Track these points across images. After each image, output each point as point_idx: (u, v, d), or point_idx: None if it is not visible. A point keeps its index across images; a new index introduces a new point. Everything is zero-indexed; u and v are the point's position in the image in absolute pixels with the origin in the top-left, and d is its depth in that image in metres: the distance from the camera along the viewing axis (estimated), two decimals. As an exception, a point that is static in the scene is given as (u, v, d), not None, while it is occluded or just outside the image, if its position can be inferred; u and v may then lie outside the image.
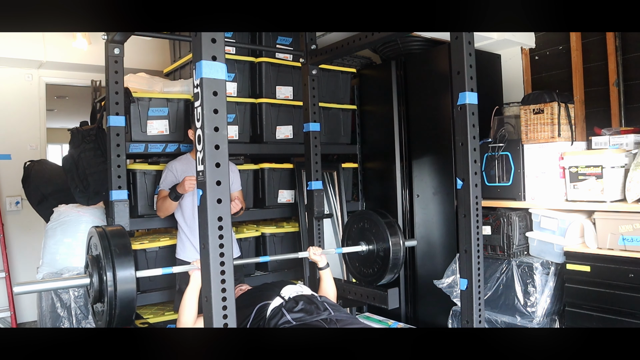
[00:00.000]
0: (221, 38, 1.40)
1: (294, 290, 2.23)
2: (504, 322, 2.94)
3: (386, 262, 2.52)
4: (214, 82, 1.39)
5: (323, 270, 2.56)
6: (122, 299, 1.64)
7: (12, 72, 4.17)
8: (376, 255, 2.59)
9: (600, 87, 3.42)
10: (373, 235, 2.60)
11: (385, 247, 2.52)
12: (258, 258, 2.49)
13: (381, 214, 2.61)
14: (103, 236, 1.71)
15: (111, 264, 1.64)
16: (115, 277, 1.63)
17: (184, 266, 2.10)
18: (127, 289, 1.65)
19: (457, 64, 2.00)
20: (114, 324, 1.67)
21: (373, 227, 2.60)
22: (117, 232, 1.76)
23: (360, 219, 2.70)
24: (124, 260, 1.66)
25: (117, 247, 1.68)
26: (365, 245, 2.64)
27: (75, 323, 2.85)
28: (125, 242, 1.72)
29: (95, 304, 1.78)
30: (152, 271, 2.00)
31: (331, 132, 3.66)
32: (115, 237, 1.72)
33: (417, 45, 3.54)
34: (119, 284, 1.63)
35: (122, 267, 1.65)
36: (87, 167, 2.98)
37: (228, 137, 1.41)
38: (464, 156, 2.00)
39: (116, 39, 2.38)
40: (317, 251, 2.56)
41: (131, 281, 1.66)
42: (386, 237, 2.51)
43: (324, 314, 2.05)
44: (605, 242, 2.66)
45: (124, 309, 1.66)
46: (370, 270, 2.64)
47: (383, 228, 2.54)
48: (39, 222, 3.75)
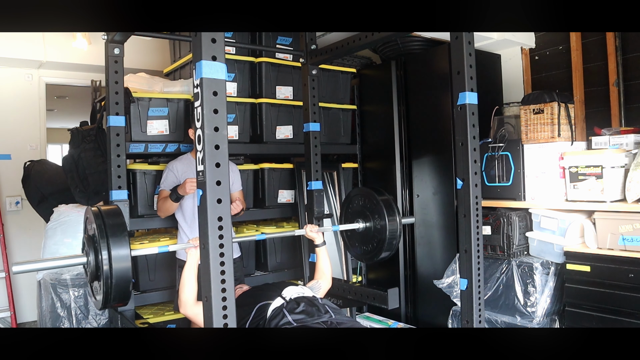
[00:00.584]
0: (221, 38, 1.41)
1: (296, 292, 2.24)
2: (504, 322, 2.94)
3: (383, 238, 2.53)
4: (214, 82, 1.39)
5: (319, 248, 2.61)
6: (118, 276, 1.65)
7: (12, 72, 4.17)
8: (374, 232, 2.59)
9: (600, 87, 3.42)
10: (370, 213, 2.61)
11: (382, 224, 2.53)
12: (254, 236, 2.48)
13: (378, 191, 2.62)
14: (98, 215, 1.71)
15: (106, 243, 1.65)
16: (110, 255, 1.64)
17: (180, 244, 2.10)
18: (122, 267, 1.66)
19: (457, 64, 2.00)
20: (110, 301, 1.68)
21: (370, 204, 2.61)
22: (112, 212, 1.76)
23: (358, 197, 2.71)
24: (119, 239, 1.66)
25: (112, 226, 1.68)
26: (362, 223, 2.65)
27: (75, 323, 2.85)
28: (119, 221, 1.72)
29: (92, 282, 1.79)
30: (147, 250, 2.01)
31: (331, 132, 3.66)
32: (110, 217, 1.72)
33: (417, 45, 3.54)
34: (114, 262, 1.64)
35: (117, 246, 1.65)
36: (87, 167, 2.98)
37: (228, 137, 1.41)
38: (464, 156, 2.00)
39: (116, 39, 2.39)
40: (313, 228, 2.60)
41: (126, 259, 1.66)
42: (383, 214, 2.52)
43: (324, 317, 2.06)
44: (605, 242, 2.66)
45: (120, 286, 1.66)
46: (369, 246, 2.65)
47: (380, 205, 2.54)
48: (39, 222, 3.75)
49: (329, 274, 2.60)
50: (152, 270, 2.98)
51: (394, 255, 3.55)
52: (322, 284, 2.55)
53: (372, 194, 2.60)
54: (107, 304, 1.70)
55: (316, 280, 2.58)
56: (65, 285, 2.87)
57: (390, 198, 2.59)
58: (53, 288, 2.87)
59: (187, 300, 2.15)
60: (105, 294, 1.67)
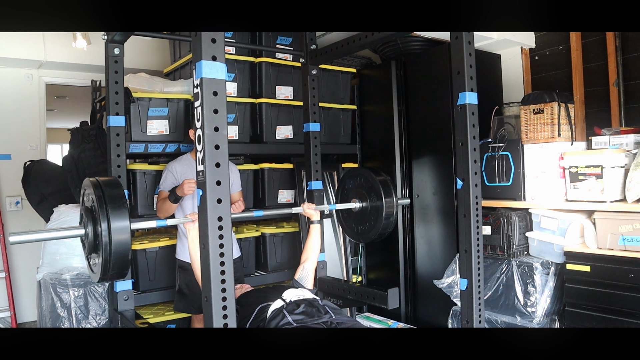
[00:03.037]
0: (221, 38, 1.41)
1: (296, 294, 2.24)
2: (504, 322, 2.94)
3: (379, 218, 2.55)
4: (214, 82, 1.39)
5: (314, 225, 2.71)
6: (117, 249, 1.61)
7: (12, 72, 4.16)
8: (369, 212, 2.60)
9: (600, 87, 3.42)
10: (366, 192, 2.61)
11: (378, 205, 2.54)
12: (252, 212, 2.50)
13: (375, 171, 2.62)
14: (97, 186, 1.67)
15: (105, 214, 1.61)
16: (109, 227, 1.60)
17: (179, 219, 2.09)
18: (122, 239, 1.62)
19: (457, 64, 2.00)
20: (109, 274, 1.65)
21: (366, 184, 2.61)
22: (111, 182, 1.72)
23: (355, 176, 2.72)
24: (118, 210, 1.62)
25: (111, 197, 1.64)
26: (359, 203, 2.66)
27: (75, 323, 2.85)
28: (118, 192, 1.68)
29: (90, 255, 1.75)
30: (146, 223, 1.98)
31: (331, 132, 3.66)
32: (108, 187, 1.68)
33: (417, 45, 3.54)
34: (113, 234, 1.60)
35: (116, 217, 1.62)
36: (87, 167, 2.98)
37: (228, 137, 1.41)
38: (464, 156, 2.00)
39: (116, 39, 2.39)
40: (310, 206, 2.71)
41: (125, 231, 1.63)
42: (379, 195, 2.52)
43: (325, 317, 2.06)
44: (605, 242, 2.66)
45: (119, 259, 1.63)
46: (365, 226, 2.67)
47: (377, 185, 2.55)
48: (39, 222, 3.75)
49: (316, 251, 2.71)
50: (152, 270, 2.98)
51: (394, 255, 3.58)
52: (308, 267, 2.64)
53: (369, 174, 2.60)
54: (106, 276, 1.66)
55: (302, 266, 2.65)
56: (65, 285, 2.87)
57: (388, 178, 2.60)
58: (53, 288, 2.87)
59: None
60: (104, 266, 1.63)
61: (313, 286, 2.64)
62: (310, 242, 2.73)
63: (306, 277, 2.59)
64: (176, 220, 2.10)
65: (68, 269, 2.95)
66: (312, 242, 2.73)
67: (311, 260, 2.68)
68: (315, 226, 2.74)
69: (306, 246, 2.74)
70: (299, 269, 2.66)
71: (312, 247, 2.72)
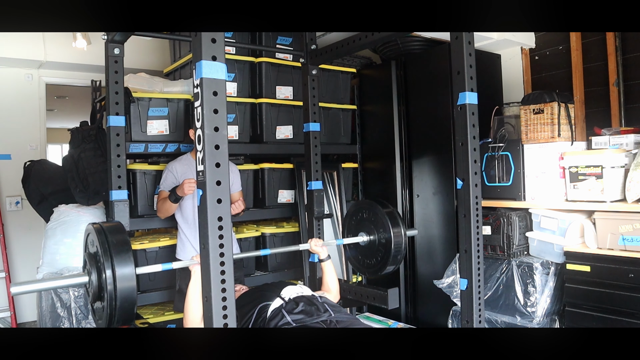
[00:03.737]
0: (221, 38, 1.41)
1: (294, 291, 2.23)
2: (504, 322, 2.94)
3: (388, 251, 2.49)
4: (214, 82, 1.39)
5: (324, 262, 2.55)
6: (123, 296, 1.59)
7: (12, 72, 4.16)
8: (378, 245, 2.56)
9: (600, 87, 3.42)
10: (374, 225, 2.58)
11: (386, 237, 2.49)
12: (259, 251, 2.48)
13: (381, 203, 2.59)
14: (100, 232, 1.65)
15: (110, 260, 1.58)
16: (114, 274, 1.57)
17: (184, 262, 2.08)
18: (128, 286, 1.60)
19: (457, 64, 2.00)
20: (114, 322, 1.62)
21: (373, 216, 2.57)
22: (115, 228, 1.70)
23: (360, 209, 2.69)
24: (123, 257, 1.60)
25: (116, 243, 1.62)
26: (366, 236, 2.62)
27: (75, 323, 2.85)
28: (123, 237, 1.66)
29: (94, 303, 1.73)
30: (151, 267, 1.95)
31: (331, 132, 3.66)
32: (113, 233, 1.65)
33: (417, 45, 3.54)
34: (118, 281, 1.58)
35: (122, 264, 1.59)
36: (87, 167, 2.98)
37: (228, 137, 1.41)
38: (464, 156, 2.00)
39: (116, 39, 2.38)
40: (318, 243, 2.55)
41: (131, 278, 1.60)
42: (387, 227, 2.48)
43: (324, 316, 2.05)
44: (605, 242, 2.66)
45: (125, 307, 1.60)
46: (373, 260, 2.61)
47: (384, 217, 2.52)
48: (39, 222, 3.75)
49: (335, 289, 2.55)
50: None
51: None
52: (329, 297, 2.45)
53: (376, 206, 2.57)
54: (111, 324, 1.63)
55: (322, 292, 2.50)
56: (64, 287, 2.87)
57: (394, 210, 2.57)
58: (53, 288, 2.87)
59: (194, 319, 2.05)
60: (109, 315, 1.60)
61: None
62: (327, 281, 2.55)
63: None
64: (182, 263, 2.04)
65: (68, 269, 2.95)
66: (329, 281, 2.55)
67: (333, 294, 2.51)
68: (326, 264, 2.56)
69: (323, 286, 2.57)
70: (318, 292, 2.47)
71: (330, 285, 2.54)
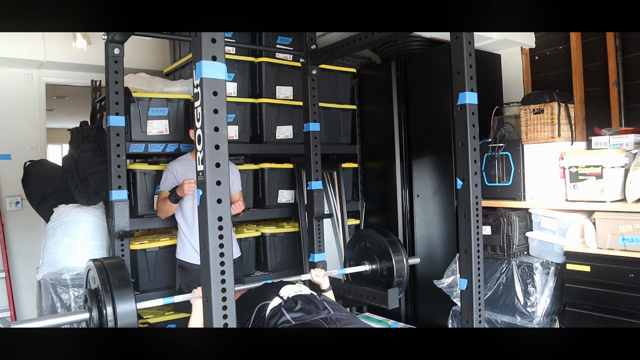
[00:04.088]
0: (221, 38, 1.41)
1: (293, 290, 2.23)
2: (504, 322, 2.94)
3: (390, 280, 2.52)
4: (214, 82, 1.39)
5: (326, 293, 2.51)
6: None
7: (12, 72, 4.16)
8: (380, 275, 2.58)
9: (600, 87, 3.42)
10: (376, 255, 2.59)
11: (388, 266, 2.52)
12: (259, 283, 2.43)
13: (383, 232, 2.61)
14: (101, 269, 1.66)
15: (110, 297, 1.59)
16: (115, 310, 1.58)
17: (185, 295, 2.05)
18: (128, 322, 1.60)
19: (457, 64, 2.00)
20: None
21: (376, 246, 2.60)
22: (116, 265, 1.71)
23: (362, 239, 2.70)
24: (124, 293, 1.61)
25: (116, 279, 1.63)
26: (369, 265, 2.63)
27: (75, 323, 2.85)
28: (124, 274, 1.67)
29: None
30: (152, 302, 1.94)
31: (331, 132, 3.66)
32: (113, 270, 1.67)
33: (417, 45, 3.54)
34: (119, 318, 1.59)
35: (122, 300, 1.60)
36: (87, 167, 2.98)
37: (228, 137, 1.41)
38: (464, 156, 2.00)
39: (116, 39, 2.39)
40: (319, 273, 2.51)
41: (132, 315, 1.61)
42: (389, 256, 2.50)
43: (323, 313, 2.05)
44: (605, 242, 2.66)
45: None
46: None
47: (386, 247, 2.53)
48: (39, 222, 3.74)
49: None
50: (152, 270, 2.98)
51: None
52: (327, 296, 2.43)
53: (378, 236, 2.59)
54: None
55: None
56: (65, 285, 2.87)
57: (396, 239, 2.60)
58: (53, 288, 2.87)
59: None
60: None
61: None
62: None
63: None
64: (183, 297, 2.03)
65: (68, 269, 2.95)
66: None
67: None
68: (328, 295, 2.50)
69: None
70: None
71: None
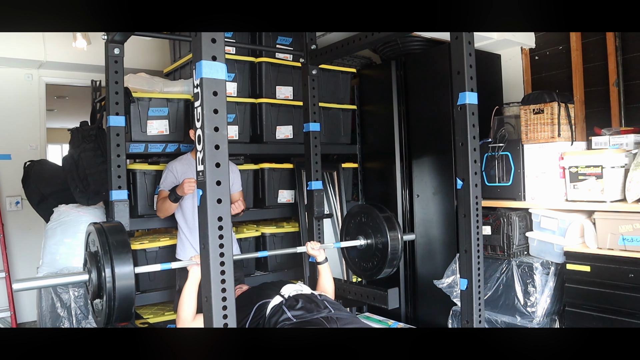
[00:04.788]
0: (221, 38, 1.41)
1: (294, 289, 2.24)
2: (504, 322, 2.94)
3: (384, 255, 2.53)
4: (214, 82, 1.39)
5: (322, 265, 2.57)
6: (121, 294, 1.63)
7: (12, 72, 4.16)
8: (375, 249, 2.59)
9: (600, 87, 3.42)
10: (371, 230, 2.60)
11: (383, 241, 2.53)
12: (256, 253, 2.49)
13: (379, 208, 2.61)
14: (101, 232, 1.70)
15: (109, 260, 1.63)
16: (113, 273, 1.62)
17: (183, 262, 2.10)
18: (126, 284, 1.64)
19: (457, 64, 2.00)
20: (113, 319, 1.66)
21: (371, 221, 2.60)
22: (115, 228, 1.75)
23: (359, 214, 2.71)
24: (122, 256, 1.65)
25: (115, 243, 1.66)
26: (364, 240, 2.64)
27: (75, 323, 2.85)
28: (123, 238, 1.71)
29: (94, 300, 1.77)
30: (150, 267, 2.00)
31: (331, 132, 3.66)
32: (113, 233, 1.70)
33: (417, 45, 3.54)
34: (117, 280, 1.62)
35: (121, 263, 1.63)
36: (87, 167, 2.98)
37: (228, 137, 1.41)
38: (464, 156, 2.00)
39: (116, 39, 2.38)
40: (315, 245, 2.56)
41: (130, 277, 1.64)
42: (384, 231, 2.51)
43: (324, 312, 2.05)
44: (605, 242, 2.65)
45: (123, 305, 1.64)
46: (370, 264, 2.64)
47: (381, 222, 2.54)
48: (39, 222, 3.75)
49: (331, 292, 2.56)
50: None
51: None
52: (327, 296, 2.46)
53: (373, 211, 2.59)
54: (109, 323, 1.67)
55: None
56: (65, 285, 2.87)
57: (392, 215, 2.59)
58: (53, 288, 2.87)
59: (185, 318, 2.11)
60: (108, 313, 1.65)
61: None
62: (323, 284, 2.56)
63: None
64: (181, 263, 2.08)
65: (68, 269, 2.95)
66: (325, 283, 2.56)
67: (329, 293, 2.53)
68: (323, 267, 2.56)
69: (318, 288, 2.56)
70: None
71: (326, 289, 2.54)
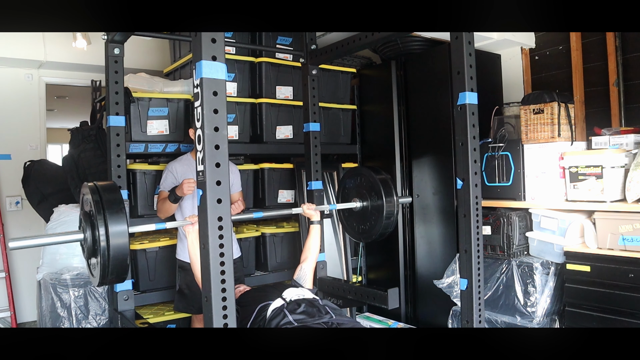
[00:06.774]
0: (221, 38, 1.41)
1: (296, 293, 2.24)
2: (504, 322, 2.94)
3: (380, 217, 2.56)
4: (214, 82, 1.39)
5: (314, 225, 2.70)
6: (115, 252, 1.63)
7: (12, 72, 4.16)
8: (370, 212, 2.61)
9: (600, 87, 3.42)
10: (367, 192, 2.62)
11: (378, 204, 2.55)
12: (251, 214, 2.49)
13: (375, 170, 2.63)
14: (94, 191, 1.69)
15: (103, 218, 1.62)
16: (107, 231, 1.61)
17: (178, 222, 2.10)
18: (120, 242, 1.63)
19: (457, 64, 2.00)
20: (108, 277, 1.66)
21: (367, 183, 2.62)
22: (109, 187, 1.74)
23: (355, 176, 2.72)
24: (116, 215, 1.64)
25: (109, 201, 1.66)
26: (359, 202, 2.66)
27: (75, 323, 2.85)
28: (116, 196, 1.70)
29: (89, 259, 1.78)
30: (144, 227, 2.00)
31: (331, 132, 3.66)
32: (106, 192, 1.69)
33: (417, 45, 3.54)
34: (111, 238, 1.61)
35: (114, 222, 1.63)
36: (87, 167, 2.98)
37: (228, 137, 1.41)
38: (464, 156, 2.00)
39: (116, 39, 2.39)
40: (310, 206, 2.70)
41: (123, 235, 1.64)
42: (380, 194, 2.53)
43: (325, 317, 2.06)
44: (605, 242, 2.66)
45: (118, 263, 1.65)
46: (366, 225, 2.68)
47: (377, 184, 2.55)
48: (39, 222, 3.75)
49: (315, 252, 2.71)
50: (152, 270, 2.98)
51: (394, 255, 3.58)
52: (305, 268, 2.63)
53: (369, 173, 2.60)
54: (105, 280, 1.68)
55: (300, 266, 2.65)
56: (65, 285, 2.87)
57: (388, 177, 2.61)
58: (53, 288, 2.87)
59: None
60: (103, 270, 1.65)
61: (312, 286, 2.65)
62: (310, 243, 2.73)
63: (304, 277, 2.59)
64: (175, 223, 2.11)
65: (68, 269, 2.95)
66: (312, 242, 2.73)
67: (310, 260, 2.67)
68: (315, 226, 2.73)
69: (305, 246, 2.74)
70: (297, 269, 2.66)
71: (312, 247, 2.71)
